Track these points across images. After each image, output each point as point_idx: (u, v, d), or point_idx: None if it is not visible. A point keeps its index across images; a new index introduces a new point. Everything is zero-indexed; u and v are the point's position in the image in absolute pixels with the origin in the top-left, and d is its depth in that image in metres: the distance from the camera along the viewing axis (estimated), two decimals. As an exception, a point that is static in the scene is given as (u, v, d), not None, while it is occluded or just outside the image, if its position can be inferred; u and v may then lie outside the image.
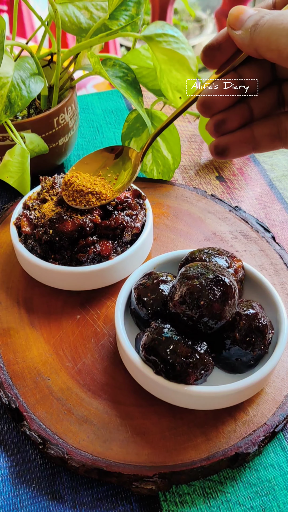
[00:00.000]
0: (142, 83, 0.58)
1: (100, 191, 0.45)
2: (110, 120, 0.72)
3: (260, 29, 0.30)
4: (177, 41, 0.51)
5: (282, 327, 0.38)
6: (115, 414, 0.38)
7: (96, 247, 0.44)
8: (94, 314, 0.45)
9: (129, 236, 0.46)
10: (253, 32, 0.30)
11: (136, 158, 0.45)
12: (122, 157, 0.47)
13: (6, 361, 0.42)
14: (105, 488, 0.36)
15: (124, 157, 0.47)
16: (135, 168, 0.45)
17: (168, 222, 0.54)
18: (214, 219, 0.54)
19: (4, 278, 0.48)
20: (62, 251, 0.45)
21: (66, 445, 0.36)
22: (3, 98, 0.47)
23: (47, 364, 0.41)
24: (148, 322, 0.39)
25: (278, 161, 0.65)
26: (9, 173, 0.50)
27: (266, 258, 0.50)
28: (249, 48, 0.31)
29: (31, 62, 0.52)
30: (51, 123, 0.55)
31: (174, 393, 0.36)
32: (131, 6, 0.52)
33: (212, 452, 0.36)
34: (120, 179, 0.46)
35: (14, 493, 0.36)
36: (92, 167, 0.47)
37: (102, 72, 0.50)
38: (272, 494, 0.35)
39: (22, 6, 1.32)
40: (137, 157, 0.45)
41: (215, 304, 0.35)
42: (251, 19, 0.31)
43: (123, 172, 0.46)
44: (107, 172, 0.47)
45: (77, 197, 0.44)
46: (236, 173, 0.62)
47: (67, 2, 0.52)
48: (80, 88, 1.09)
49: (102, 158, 0.47)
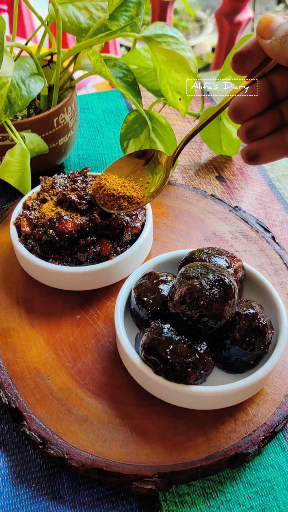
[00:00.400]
0: (142, 83, 0.58)
1: (132, 195, 0.44)
2: (110, 120, 0.72)
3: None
4: (177, 42, 0.51)
5: (282, 327, 0.38)
6: (115, 414, 0.38)
7: (96, 247, 0.44)
8: (94, 314, 0.45)
9: (129, 236, 0.46)
10: (283, 43, 0.31)
11: (167, 162, 0.45)
12: (153, 161, 0.46)
13: (6, 361, 0.42)
14: (105, 488, 0.36)
15: (154, 161, 0.46)
16: (167, 173, 0.44)
17: (168, 222, 0.54)
18: (214, 219, 0.54)
19: (4, 278, 0.48)
20: (62, 251, 0.45)
21: (66, 445, 0.36)
22: (3, 98, 0.47)
23: (47, 364, 0.42)
24: (148, 322, 0.39)
25: (278, 161, 0.65)
26: (9, 173, 0.50)
27: (266, 258, 0.50)
28: (279, 57, 0.32)
29: (31, 62, 0.52)
30: (51, 123, 0.55)
31: (174, 393, 0.36)
32: (131, 6, 0.52)
33: (212, 452, 0.36)
34: (152, 183, 0.45)
35: (14, 493, 0.36)
36: (124, 172, 0.47)
37: (103, 71, 0.50)
38: (272, 494, 0.35)
39: (22, 6, 1.32)
40: (168, 161, 0.45)
41: (215, 304, 0.35)
42: (281, 28, 0.31)
43: (155, 176, 0.45)
44: (138, 176, 0.46)
45: (108, 201, 0.44)
46: (236, 173, 0.63)
47: (67, 2, 0.52)
48: (80, 88, 1.09)
49: (133, 163, 0.47)
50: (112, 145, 0.67)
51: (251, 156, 0.36)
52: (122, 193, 0.44)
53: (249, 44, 0.34)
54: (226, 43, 1.40)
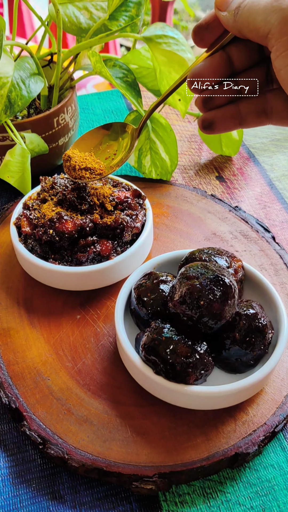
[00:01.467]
0: (142, 83, 0.58)
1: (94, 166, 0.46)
2: (110, 120, 0.72)
3: (242, 11, 0.32)
4: (177, 43, 0.51)
5: (282, 327, 0.38)
6: (115, 414, 0.38)
7: (96, 247, 0.44)
8: (94, 314, 0.45)
9: (129, 236, 0.46)
10: (236, 14, 0.32)
11: (133, 133, 0.46)
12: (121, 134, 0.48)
13: (6, 361, 0.42)
14: (105, 488, 0.36)
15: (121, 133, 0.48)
16: (132, 143, 0.46)
17: (168, 222, 0.54)
18: (214, 219, 0.54)
19: (4, 278, 0.48)
20: (62, 251, 0.45)
21: (66, 445, 0.36)
22: (3, 98, 0.47)
23: (47, 364, 0.42)
24: (148, 322, 0.39)
25: (278, 161, 0.65)
26: (10, 173, 0.50)
27: (266, 258, 0.50)
28: (233, 29, 0.33)
29: (31, 62, 0.52)
30: (51, 123, 0.55)
31: (174, 393, 0.36)
32: (131, 6, 0.52)
33: (212, 452, 0.36)
34: (118, 154, 0.47)
35: (14, 493, 0.36)
36: (92, 143, 0.48)
37: (103, 71, 0.50)
38: (272, 494, 0.35)
39: (22, 6, 1.32)
40: (134, 132, 0.46)
41: (215, 304, 0.35)
42: (235, 1, 0.33)
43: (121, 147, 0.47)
44: (106, 148, 0.48)
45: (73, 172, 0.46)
46: (236, 173, 0.63)
47: (67, 2, 0.52)
48: (80, 88, 1.09)
49: (101, 134, 0.48)
50: (112, 145, 0.67)
51: (206, 124, 0.38)
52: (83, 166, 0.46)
53: (208, 17, 0.35)
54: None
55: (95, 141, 0.48)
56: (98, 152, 0.48)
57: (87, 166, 0.46)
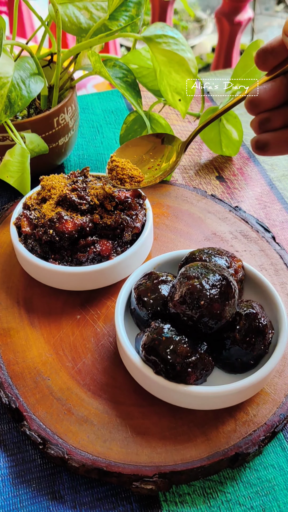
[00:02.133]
0: (142, 83, 0.58)
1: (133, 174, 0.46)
2: (110, 120, 0.72)
3: None
4: (177, 43, 0.51)
5: (282, 327, 0.38)
6: (115, 414, 0.38)
7: (96, 247, 0.44)
8: (94, 314, 0.45)
9: (129, 236, 0.46)
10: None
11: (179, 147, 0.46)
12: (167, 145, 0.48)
13: (6, 361, 0.42)
14: (105, 488, 0.36)
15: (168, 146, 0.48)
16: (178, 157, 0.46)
17: (168, 222, 0.54)
18: (214, 219, 0.54)
19: (4, 278, 0.48)
20: (62, 251, 0.45)
21: (66, 445, 0.36)
22: (3, 98, 0.47)
23: (47, 364, 0.42)
24: (148, 322, 0.39)
25: (278, 161, 0.65)
26: (9, 173, 0.50)
27: (266, 258, 0.50)
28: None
29: (31, 62, 0.52)
30: (51, 123, 0.55)
31: (174, 393, 0.36)
32: (131, 6, 0.52)
33: (212, 452, 0.36)
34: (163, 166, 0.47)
35: (14, 493, 0.36)
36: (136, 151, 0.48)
37: (102, 71, 0.50)
38: (272, 494, 0.35)
39: (22, 6, 1.32)
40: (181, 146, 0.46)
41: (215, 304, 0.35)
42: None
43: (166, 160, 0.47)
44: (151, 158, 0.48)
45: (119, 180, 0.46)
46: (236, 173, 0.63)
47: (67, 2, 0.52)
48: (80, 88, 1.09)
49: (147, 143, 0.48)
50: (112, 145, 0.67)
51: (260, 145, 0.37)
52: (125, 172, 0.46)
53: (274, 41, 0.35)
54: (226, 43, 1.40)
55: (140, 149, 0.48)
56: (141, 160, 0.48)
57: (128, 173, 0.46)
